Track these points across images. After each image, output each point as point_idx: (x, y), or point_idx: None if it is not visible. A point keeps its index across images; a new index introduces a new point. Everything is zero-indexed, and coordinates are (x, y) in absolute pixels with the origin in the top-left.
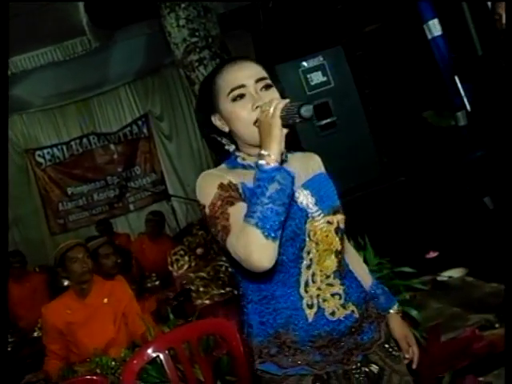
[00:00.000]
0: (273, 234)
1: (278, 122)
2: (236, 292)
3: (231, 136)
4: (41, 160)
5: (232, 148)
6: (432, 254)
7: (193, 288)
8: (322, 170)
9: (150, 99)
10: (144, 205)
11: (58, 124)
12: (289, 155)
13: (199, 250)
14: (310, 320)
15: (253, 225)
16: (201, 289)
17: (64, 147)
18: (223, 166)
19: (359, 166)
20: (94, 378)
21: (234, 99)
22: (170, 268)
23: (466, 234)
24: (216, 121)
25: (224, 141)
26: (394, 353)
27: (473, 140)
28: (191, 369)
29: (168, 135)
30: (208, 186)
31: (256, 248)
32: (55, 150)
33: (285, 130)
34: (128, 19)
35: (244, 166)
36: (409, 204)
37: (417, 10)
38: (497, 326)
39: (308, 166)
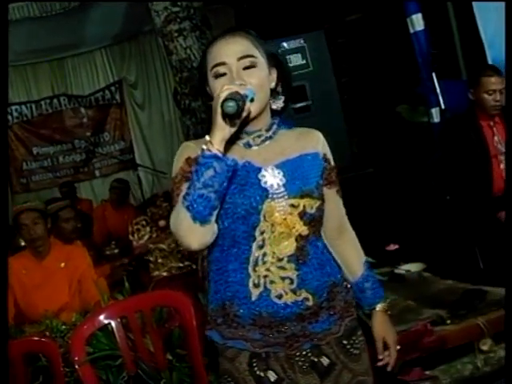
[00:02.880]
0: (200, 219)
1: (220, 109)
2: (194, 266)
3: None
4: (8, 117)
5: None
6: (392, 247)
7: (151, 259)
8: (317, 149)
9: (126, 66)
10: (110, 172)
11: (29, 82)
12: (282, 131)
13: (162, 222)
14: (254, 299)
15: (185, 207)
16: (159, 260)
17: (33, 106)
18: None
19: None
20: (43, 339)
21: (216, 76)
22: (131, 237)
23: (427, 230)
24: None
25: None
26: (352, 350)
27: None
28: (142, 339)
29: (141, 104)
30: (179, 158)
31: (184, 229)
32: (24, 107)
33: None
34: None
35: None
36: (375, 195)
37: (401, 3)
38: (448, 322)
39: (298, 144)
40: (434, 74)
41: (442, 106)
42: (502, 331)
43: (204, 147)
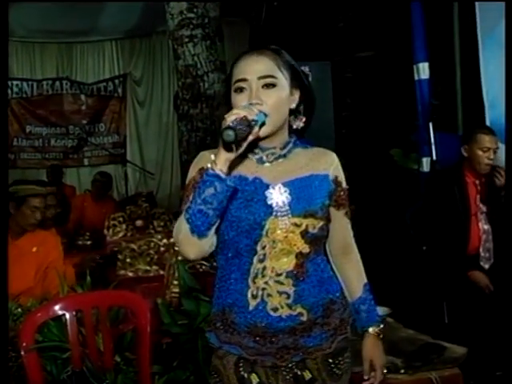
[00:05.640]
0: (198, 232)
1: None
2: (162, 272)
3: None
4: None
5: None
6: None
7: (120, 257)
8: (329, 171)
9: (134, 61)
10: (98, 163)
11: (35, 60)
12: (297, 150)
13: (139, 222)
14: (251, 309)
15: (185, 219)
16: (127, 260)
17: (34, 84)
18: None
19: None
20: None
21: (235, 90)
22: (106, 232)
23: (399, 276)
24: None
25: None
26: (335, 370)
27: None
28: (94, 336)
29: (141, 101)
30: (194, 166)
31: (182, 240)
32: (25, 84)
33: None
34: None
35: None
36: (353, 232)
37: (411, 49)
38: (402, 371)
39: (310, 164)
40: (431, 124)
41: (434, 157)
42: None
43: (208, 165)
